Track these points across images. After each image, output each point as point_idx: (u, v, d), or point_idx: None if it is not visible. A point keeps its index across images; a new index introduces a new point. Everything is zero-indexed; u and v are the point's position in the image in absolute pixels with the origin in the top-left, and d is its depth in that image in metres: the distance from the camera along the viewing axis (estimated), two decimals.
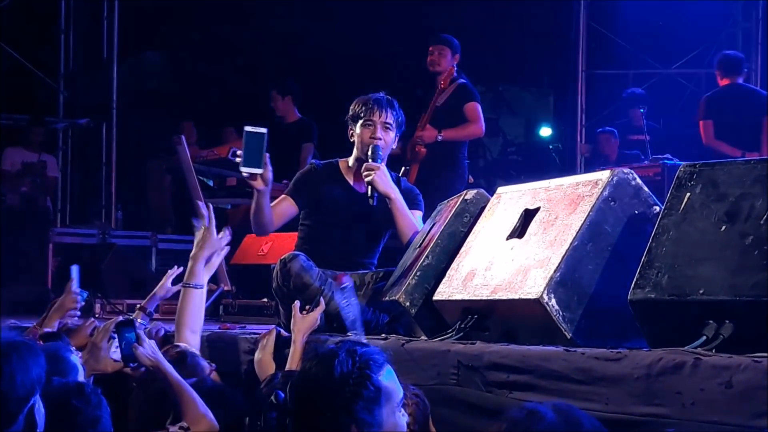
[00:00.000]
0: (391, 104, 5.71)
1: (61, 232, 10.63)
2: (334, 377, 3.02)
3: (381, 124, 5.65)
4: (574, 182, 4.29)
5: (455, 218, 4.96)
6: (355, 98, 5.81)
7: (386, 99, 5.72)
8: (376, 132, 5.64)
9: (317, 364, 3.08)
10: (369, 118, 5.66)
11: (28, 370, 2.72)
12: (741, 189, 3.51)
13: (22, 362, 2.72)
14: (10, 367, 2.69)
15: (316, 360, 3.11)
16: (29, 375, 2.72)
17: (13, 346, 2.75)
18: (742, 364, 3.05)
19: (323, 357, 3.09)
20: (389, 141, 5.69)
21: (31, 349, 2.80)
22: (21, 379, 2.70)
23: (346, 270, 5.58)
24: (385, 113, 5.66)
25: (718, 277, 3.39)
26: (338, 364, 3.04)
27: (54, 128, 13.48)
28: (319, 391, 3.02)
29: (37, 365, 2.76)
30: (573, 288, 3.93)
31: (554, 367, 3.57)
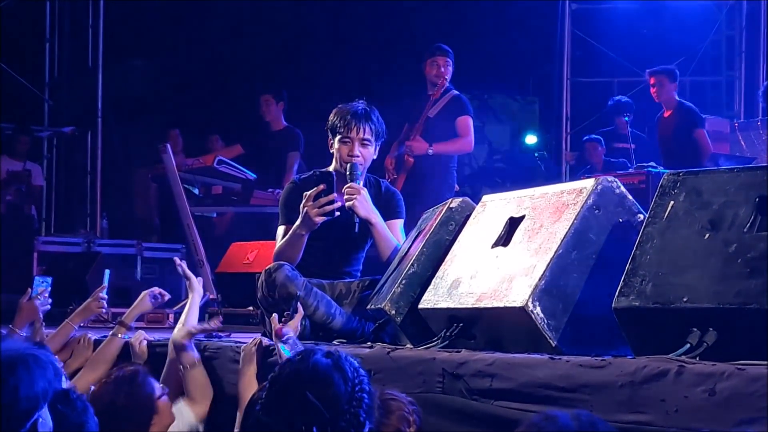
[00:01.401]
0: (368, 117, 5.63)
1: (45, 240, 10.59)
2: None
3: (359, 141, 5.58)
4: (558, 190, 4.30)
5: (440, 226, 4.96)
6: (336, 107, 5.77)
7: (364, 111, 5.64)
8: (353, 149, 5.58)
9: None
10: (346, 135, 5.60)
11: (33, 384, 2.69)
12: (725, 197, 3.52)
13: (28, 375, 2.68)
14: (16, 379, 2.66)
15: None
16: (34, 389, 2.68)
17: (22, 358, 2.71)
18: (726, 371, 3.06)
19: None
20: (368, 156, 5.65)
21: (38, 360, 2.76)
22: (25, 393, 2.67)
23: (331, 279, 5.58)
24: (363, 129, 5.59)
25: (701, 285, 3.39)
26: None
27: (39, 137, 13.46)
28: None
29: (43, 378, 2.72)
30: (558, 296, 3.94)
31: (539, 374, 3.58)
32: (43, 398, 2.70)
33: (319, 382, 3.02)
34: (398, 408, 3.63)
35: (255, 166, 10.13)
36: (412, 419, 3.63)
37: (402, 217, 5.83)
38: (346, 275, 5.73)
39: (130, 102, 13.77)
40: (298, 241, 5.43)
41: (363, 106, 5.67)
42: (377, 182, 5.86)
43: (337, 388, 3.02)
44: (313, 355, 3.11)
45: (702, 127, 10.33)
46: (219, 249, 8.60)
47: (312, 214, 5.28)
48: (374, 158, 5.75)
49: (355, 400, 3.04)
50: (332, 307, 5.29)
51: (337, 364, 3.09)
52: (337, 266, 5.74)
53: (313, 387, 3.00)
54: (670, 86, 10.54)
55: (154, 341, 5.35)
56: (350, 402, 3.03)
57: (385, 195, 5.81)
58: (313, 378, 3.02)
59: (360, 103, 5.70)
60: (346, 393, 3.03)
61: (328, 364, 3.07)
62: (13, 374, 2.66)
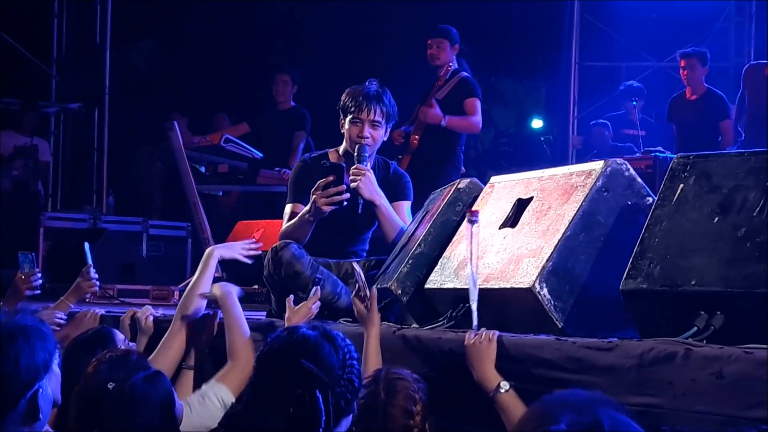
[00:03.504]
0: (380, 98, 5.61)
1: (51, 216, 10.60)
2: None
3: (369, 122, 5.57)
4: (567, 172, 4.29)
5: (448, 207, 4.96)
6: (348, 87, 5.77)
7: (376, 93, 5.62)
8: (363, 130, 5.56)
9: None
10: (357, 116, 5.58)
11: (34, 355, 2.69)
12: (734, 181, 3.52)
13: (29, 346, 2.69)
14: (16, 350, 2.67)
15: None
16: (35, 360, 2.69)
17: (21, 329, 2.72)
18: (733, 354, 3.06)
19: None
20: (378, 137, 5.63)
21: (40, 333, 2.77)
22: (26, 363, 2.67)
23: (337, 258, 5.58)
24: (374, 111, 5.57)
25: (710, 269, 3.40)
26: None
27: (46, 113, 13.47)
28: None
29: (44, 350, 2.73)
30: (565, 278, 3.94)
31: (546, 356, 3.58)
32: (43, 369, 2.71)
33: (312, 351, 3.05)
34: (404, 387, 3.63)
35: (261, 145, 10.13)
36: (418, 397, 3.63)
37: (409, 199, 5.82)
38: (352, 255, 5.73)
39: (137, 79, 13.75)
40: (306, 225, 5.43)
41: (375, 88, 5.64)
42: (386, 164, 5.86)
43: (330, 356, 3.07)
44: (299, 329, 3.16)
45: (730, 118, 10.25)
46: (225, 227, 8.61)
47: (320, 204, 5.28)
48: (385, 140, 5.74)
49: (347, 367, 3.10)
50: (338, 286, 5.29)
51: (325, 334, 3.14)
52: (343, 246, 5.74)
53: (307, 355, 3.03)
54: (702, 70, 10.46)
55: (159, 317, 5.35)
56: (343, 368, 3.09)
57: (393, 177, 5.81)
58: (306, 347, 3.06)
59: (372, 84, 5.67)
60: (339, 360, 3.08)
61: (316, 335, 3.12)
62: (14, 345, 2.67)
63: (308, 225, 5.42)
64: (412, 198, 5.85)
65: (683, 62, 10.53)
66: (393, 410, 3.56)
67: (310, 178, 5.61)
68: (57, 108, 13.72)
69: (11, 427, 2.66)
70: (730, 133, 10.14)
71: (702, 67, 10.44)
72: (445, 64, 8.92)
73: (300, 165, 5.85)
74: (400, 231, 5.49)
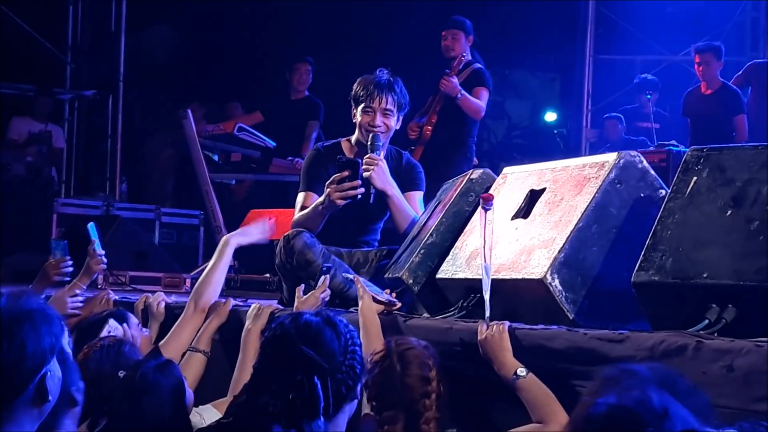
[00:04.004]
0: (391, 87, 5.60)
1: (65, 202, 10.62)
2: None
3: (381, 111, 5.56)
4: (580, 164, 4.29)
5: (460, 197, 4.96)
6: (360, 77, 5.77)
7: (387, 82, 5.62)
8: (375, 120, 5.56)
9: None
10: (368, 105, 5.58)
11: (40, 339, 2.69)
12: (748, 174, 3.51)
13: (35, 331, 2.69)
14: (22, 336, 2.67)
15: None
16: (41, 344, 2.69)
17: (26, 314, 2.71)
18: (744, 348, 3.07)
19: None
20: (390, 126, 5.62)
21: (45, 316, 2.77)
22: (33, 348, 2.67)
23: (348, 248, 5.58)
24: (385, 99, 5.57)
25: (722, 262, 3.39)
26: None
27: (60, 99, 13.50)
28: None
29: (50, 334, 2.73)
30: (577, 269, 3.94)
31: (557, 346, 3.59)
32: (50, 353, 2.70)
33: (313, 337, 3.06)
34: (416, 357, 3.68)
35: (274, 134, 10.14)
36: (431, 363, 3.68)
37: (421, 190, 5.82)
38: (363, 244, 5.74)
39: (152, 67, 13.77)
40: (319, 217, 5.44)
41: (387, 77, 5.64)
42: (399, 154, 5.86)
43: (331, 342, 3.08)
44: (302, 315, 3.17)
45: (744, 113, 10.22)
46: (237, 216, 8.62)
47: (335, 197, 5.28)
48: (397, 129, 5.74)
49: (349, 353, 3.10)
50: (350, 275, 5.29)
51: (327, 321, 3.14)
52: (355, 235, 5.74)
53: (308, 341, 3.04)
54: (717, 65, 10.42)
55: (171, 303, 5.37)
56: (345, 354, 3.09)
57: (405, 167, 5.81)
58: (307, 334, 3.07)
59: (384, 73, 5.67)
60: (340, 346, 3.09)
61: (319, 321, 3.12)
62: (20, 330, 2.66)
63: (321, 216, 5.42)
64: (424, 188, 5.85)
65: (698, 57, 10.50)
66: (410, 380, 3.61)
67: (323, 166, 5.63)
68: (71, 94, 13.74)
69: (21, 411, 2.67)
70: (744, 128, 10.12)
71: (717, 61, 10.42)
72: (459, 54, 8.93)
73: (313, 154, 5.86)
74: (412, 221, 5.49)
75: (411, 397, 3.58)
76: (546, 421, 3.51)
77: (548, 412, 3.49)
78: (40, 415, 2.72)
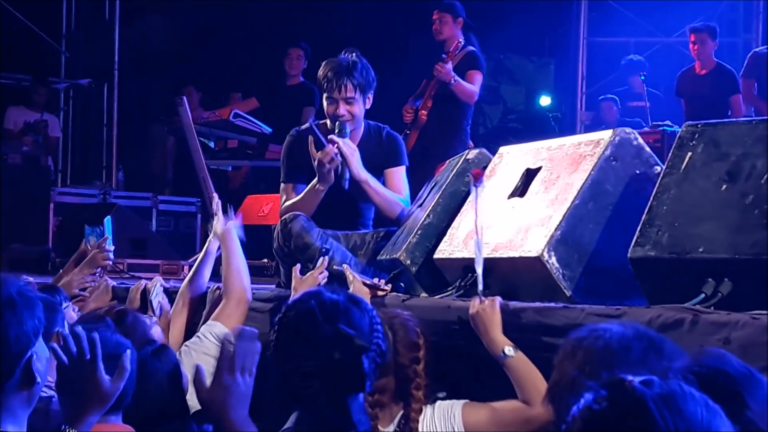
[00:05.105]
0: (350, 72, 5.49)
1: (62, 191, 10.64)
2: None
3: (343, 100, 5.49)
4: (576, 142, 4.31)
5: (457, 177, 4.98)
6: (324, 61, 5.67)
7: (345, 67, 5.50)
8: (339, 109, 5.50)
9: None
10: (330, 95, 5.52)
11: (22, 324, 2.70)
12: (742, 149, 3.53)
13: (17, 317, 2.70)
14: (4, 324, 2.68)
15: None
16: (24, 328, 2.70)
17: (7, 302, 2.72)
18: (740, 321, 3.08)
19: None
20: (355, 111, 5.54)
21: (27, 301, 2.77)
22: (15, 334, 2.68)
23: (345, 230, 5.57)
24: (344, 88, 5.47)
25: (718, 236, 3.41)
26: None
27: (56, 89, 13.50)
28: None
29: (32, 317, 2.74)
30: (573, 246, 3.96)
31: (554, 322, 3.60)
32: (34, 335, 2.72)
33: (345, 315, 3.00)
34: (402, 324, 3.72)
35: (270, 120, 10.14)
36: (419, 330, 3.73)
37: (404, 164, 5.75)
38: (360, 225, 5.72)
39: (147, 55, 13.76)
40: (315, 196, 5.41)
41: (346, 60, 5.55)
42: (378, 129, 5.78)
43: (361, 319, 3.03)
44: (323, 294, 3.09)
45: (739, 93, 10.24)
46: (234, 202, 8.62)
47: (325, 162, 5.28)
48: (367, 108, 5.65)
49: (375, 331, 3.06)
50: (347, 257, 5.29)
51: (350, 299, 3.10)
52: (351, 217, 5.70)
53: (340, 320, 2.97)
54: (712, 44, 10.44)
55: (170, 288, 5.39)
56: (371, 332, 3.05)
57: (386, 141, 5.74)
58: (337, 311, 3.00)
59: (345, 55, 5.60)
60: (367, 324, 3.05)
61: (344, 299, 3.07)
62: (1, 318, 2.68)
63: (317, 195, 5.40)
64: (407, 162, 5.78)
65: (693, 37, 10.51)
66: (399, 346, 3.65)
67: (296, 151, 5.65)
68: (67, 84, 13.75)
69: (11, 394, 2.69)
70: (740, 108, 10.14)
71: (712, 41, 10.44)
72: (449, 38, 8.96)
73: (289, 140, 5.83)
74: (396, 203, 5.48)
75: (400, 363, 3.62)
76: (531, 403, 3.52)
77: (535, 393, 3.49)
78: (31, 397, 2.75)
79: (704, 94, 10.31)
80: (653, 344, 2.58)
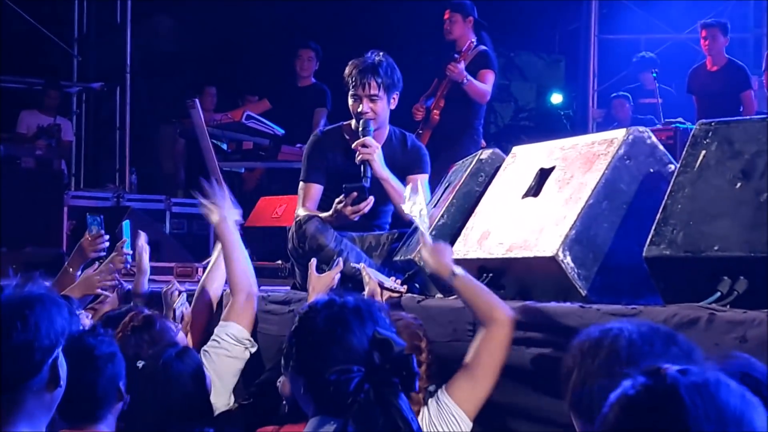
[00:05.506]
0: (375, 71, 5.54)
1: (75, 195, 10.68)
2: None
3: (367, 98, 5.54)
4: (589, 141, 4.30)
5: (470, 178, 4.98)
6: (351, 60, 5.70)
7: (371, 65, 5.56)
8: (363, 106, 5.55)
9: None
10: (355, 92, 5.57)
11: (52, 321, 2.74)
12: (756, 146, 3.52)
13: (47, 312, 2.74)
14: (35, 317, 2.72)
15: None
16: (54, 325, 2.74)
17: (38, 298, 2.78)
18: (756, 319, 3.07)
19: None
20: (379, 110, 5.59)
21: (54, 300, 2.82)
22: (46, 328, 2.72)
23: (360, 232, 5.59)
24: (369, 85, 5.53)
25: (732, 234, 3.41)
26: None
27: (68, 92, 13.54)
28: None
29: (61, 317, 2.78)
30: (588, 245, 3.95)
31: (570, 323, 3.59)
32: (62, 336, 2.75)
33: (375, 318, 2.98)
34: (405, 326, 3.72)
35: (283, 122, 10.16)
36: (421, 333, 3.74)
37: (427, 172, 5.80)
38: (375, 228, 5.74)
39: (159, 58, 13.80)
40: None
41: (372, 59, 5.60)
42: (403, 136, 5.85)
43: (385, 320, 3.02)
44: (347, 297, 3.04)
45: (751, 89, 10.24)
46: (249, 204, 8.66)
47: (347, 213, 5.30)
48: (392, 108, 5.71)
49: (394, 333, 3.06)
50: (362, 258, 5.30)
51: (372, 303, 3.11)
52: (366, 219, 5.71)
53: (369, 322, 2.95)
54: (723, 40, 10.44)
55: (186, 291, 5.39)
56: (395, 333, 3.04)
57: (411, 149, 5.80)
58: (368, 313, 2.98)
59: (371, 55, 5.63)
60: (389, 325, 3.03)
61: (369, 302, 3.08)
62: (32, 312, 2.71)
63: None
64: (429, 171, 5.83)
65: (704, 32, 10.50)
66: None
67: (323, 153, 5.69)
68: (79, 87, 13.79)
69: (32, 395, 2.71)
70: (752, 104, 10.12)
71: (723, 37, 10.42)
72: (460, 38, 8.97)
73: (313, 140, 5.87)
74: None
75: None
76: (487, 319, 3.67)
77: (487, 307, 3.69)
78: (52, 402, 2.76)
79: (716, 90, 10.29)
80: (672, 338, 2.59)
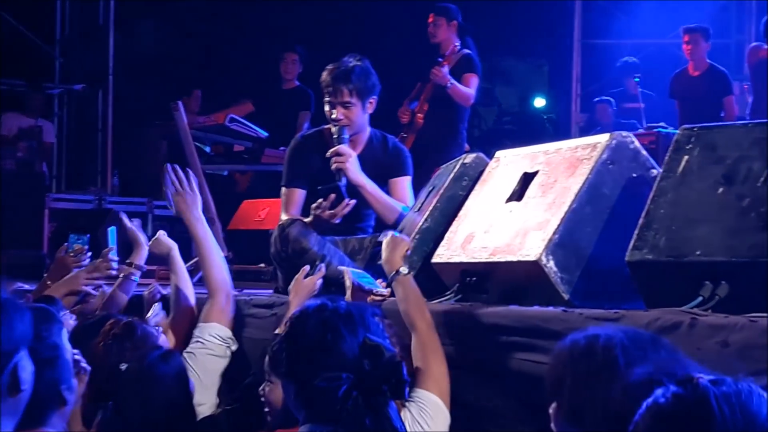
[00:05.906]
0: (347, 78, 5.53)
1: (56, 197, 10.64)
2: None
3: (340, 104, 5.55)
4: (573, 145, 4.31)
5: (454, 182, 4.98)
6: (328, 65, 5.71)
7: (344, 72, 5.55)
8: (337, 113, 5.55)
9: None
10: (329, 99, 5.58)
11: (11, 327, 2.73)
12: (739, 152, 3.53)
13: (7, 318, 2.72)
14: None
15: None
16: (13, 332, 2.73)
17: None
18: (738, 323, 3.08)
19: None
20: (353, 116, 5.58)
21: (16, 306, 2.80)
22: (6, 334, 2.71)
23: (343, 235, 5.59)
24: (341, 92, 5.52)
25: (715, 239, 3.42)
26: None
27: (50, 94, 13.50)
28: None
29: (21, 323, 2.76)
30: (571, 250, 3.96)
31: (553, 327, 3.60)
32: (22, 342, 2.74)
33: (366, 324, 2.96)
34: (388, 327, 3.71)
35: (266, 125, 10.14)
36: (391, 332, 3.68)
37: (409, 174, 5.80)
38: (358, 231, 5.74)
39: (142, 60, 13.76)
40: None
41: (345, 65, 5.59)
42: (384, 138, 5.84)
43: (377, 326, 3.01)
44: (339, 302, 3.02)
45: (732, 94, 10.29)
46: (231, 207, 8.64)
47: (326, 217, 5.29)
48: (371, 113, 5.71)
49: (387, 336, 3.07)
50: (345, 262, 5.29)
51: (365, 308, 3.09)
52: (349, 222, 5.70)
53: (364, 329, 2.93)
54: (704, 45, 10.49)
55: (167, 294, 5.39)
56: (387, 338, 3.04)
57: (392, 151, 5.80)
58: (358, 321, 2.95)
59: (347, 59, 5.63)
60: (382, 330, 3.04)
61: (364, 308, 3.05)
62: None
63: None
64: (411, 173, 5.82)
65: (687, 37, 10.54)
66: None
67: (304, 158, 5.69)
68: (61, 89, 13.76)
69: None
70: (733, 109, 10.16)
71: (705, 42, 10.47)
72: (444, 41, 8.99)
73: (293, 144, 5.88)
74: (395, 208, 5.50)
75: None
76: (410, 329, 3.82)
77: (417, 312, 3.86)
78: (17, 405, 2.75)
79: (697, 95, 10.34)
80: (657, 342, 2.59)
